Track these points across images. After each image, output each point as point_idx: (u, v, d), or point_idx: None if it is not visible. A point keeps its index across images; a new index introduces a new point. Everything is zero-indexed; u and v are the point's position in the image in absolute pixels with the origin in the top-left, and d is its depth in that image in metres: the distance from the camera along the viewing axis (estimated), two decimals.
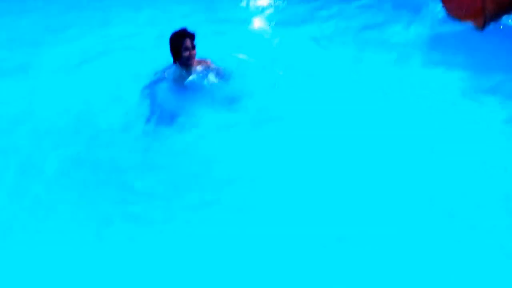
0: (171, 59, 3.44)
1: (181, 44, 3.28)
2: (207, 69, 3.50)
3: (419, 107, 3.44)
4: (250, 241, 2.30)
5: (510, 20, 4.74)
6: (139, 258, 2.26)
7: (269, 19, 5.75)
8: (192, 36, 3.31)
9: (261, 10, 5.94)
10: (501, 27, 4.69)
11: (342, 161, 2.88)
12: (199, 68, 3.46)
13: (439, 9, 5.30)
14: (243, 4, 6.22)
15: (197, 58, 3.43)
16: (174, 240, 2.34)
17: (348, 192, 2.60)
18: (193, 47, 3.32)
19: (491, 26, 4.63)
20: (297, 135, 3.15)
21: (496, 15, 4.62)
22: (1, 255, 2.29)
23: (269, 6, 6.08)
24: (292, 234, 2.33)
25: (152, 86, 3.44)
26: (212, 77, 3.47)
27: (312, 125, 3.25)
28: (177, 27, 3.36)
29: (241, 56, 4.08)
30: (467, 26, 4.74)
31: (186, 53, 3.30)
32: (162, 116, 3.27)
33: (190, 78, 3.41)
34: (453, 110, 3.38)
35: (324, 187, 2.65)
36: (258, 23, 5.74)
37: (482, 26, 4.61)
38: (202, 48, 3.42)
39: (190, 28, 3.34)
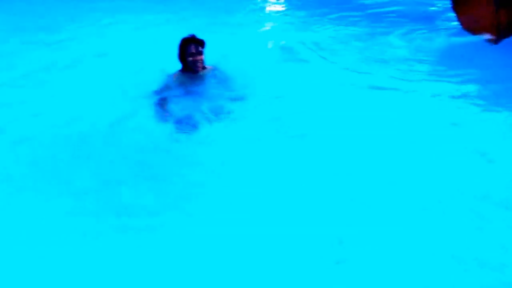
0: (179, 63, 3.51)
1: (186, 49, 3.40)
2: (213, 74, 3.55)
3: (427, 118, 3.38)
4: (255, 247, 2.27)
5: None
6: (138, 259, 2.24)
7: (274, 24, 5.77)
8: (198, 42, 3.40)
9: (267, 15, 5.96)
10: None
11: (344, 166, 2.85)
12: (205, 73, 3.52)
13: (453, 22, 5.28)
14: (248, 9, 6.22)
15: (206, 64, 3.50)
16: (173, 246, 2.31)
17: (351, 198, 2.57)
18: (199, 52, 3.41)
19: (505, 40, 4.57)
20: (300, 139, 3.14)
21: (510, 30, 4.57)
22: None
23: (274, 10, 6.09)
24: (293, 236, 2.32)
25: (160, 91, 3.49)
26: (218, 82, 3.51)
27: (316, 132, 3.23)
28: (181, 30, 3.49)
29: (244, 61, 4.12)
30: (480, 39, 4.70)
31: (190, 58, 3.41)
32: (169, 121, 3.30)
33: (196, 83, 3.47)
34: (464, 122, 3.31)
35: (328, 193, 2.62)
36: (263, 28, 5.76)
37: (495, 40, 4.56)
38: (207, 52, 3.48)
39: (197, 33, 3.42)
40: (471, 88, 3.80)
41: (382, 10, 5.91)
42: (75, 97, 3.75)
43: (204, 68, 3.52)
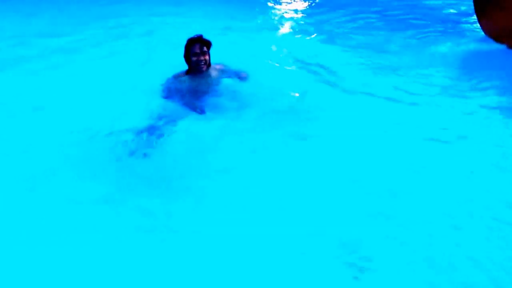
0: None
1: (190, 49, 3.39)
2: (219, 73, 3.53)
3: (446, 124, 3.26)
4: (259, 247, 2.21)
5: None
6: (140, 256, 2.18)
7: (288, 25, 5.75)
8: (203, 42, 3.37)
9: (282, 16, 5.93)
10: None
11: (348, 169, 2.76)
12: (212, 72, 3.50)
13: (476, 28, 5.15)
14: (260, 12, 6.22)
15: (212, 63, 3.48)
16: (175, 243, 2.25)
17: (361, 205, 2.47)
18: (203, 53, 3.38)
19: None
20: (307, 141, 3.05)
21: None
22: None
23: (287, 12, 6.05)
24: (295, 237, 2.26)
25: (166, 90, 3.46)
26: (224, 81, 3.50)
27: (324, 131, 3.17)
28: (194, 31, 3.43)
29: (251, 62, 4.06)
30: (503, 47, 4.60)
31: (194, 58, 3.40)
32: (176, 119, 3.25)
33: (202, 82, 3.44)
34: (481, 131, 3.18)
35: (333, 194, 2.55)
36: (275, 29, 5.76)
37: None
38: (218, 53, 3.45)
39: (205, 34, 3.38)
40: (490, 99, 3.64)
41: (399, 15, 5.80)
42: (80, 99, 3.73)
43: (209, 66, 3.49)
